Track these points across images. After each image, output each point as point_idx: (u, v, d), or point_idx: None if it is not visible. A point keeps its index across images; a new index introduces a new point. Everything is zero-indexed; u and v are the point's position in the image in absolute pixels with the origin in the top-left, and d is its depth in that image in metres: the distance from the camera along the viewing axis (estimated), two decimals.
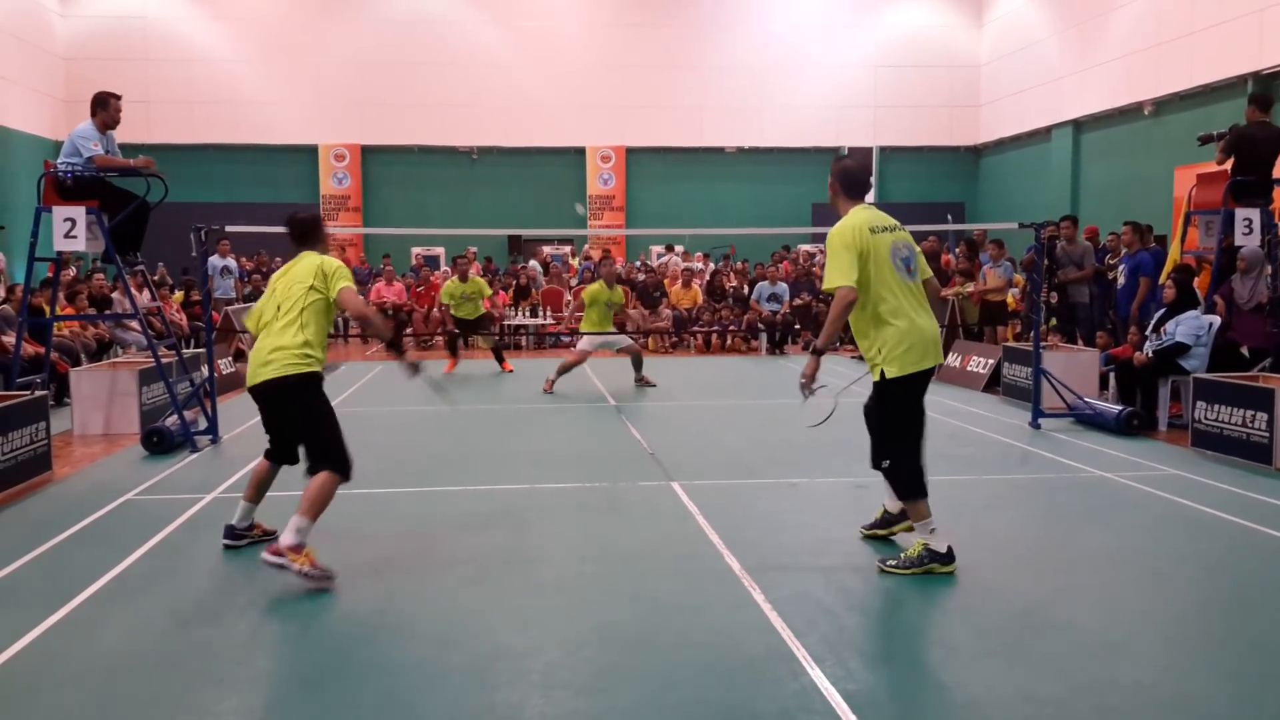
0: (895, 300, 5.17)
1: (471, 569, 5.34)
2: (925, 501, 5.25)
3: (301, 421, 5.36)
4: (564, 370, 12.36)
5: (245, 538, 5.76)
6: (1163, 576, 5.31)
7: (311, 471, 5.23)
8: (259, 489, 5.72)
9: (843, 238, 5.16)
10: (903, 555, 5.29)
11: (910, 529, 5.44)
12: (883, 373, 5.19)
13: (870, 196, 5.55)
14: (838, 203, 5.47)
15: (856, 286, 5.09)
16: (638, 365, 12.74)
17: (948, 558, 5.21)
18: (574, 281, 21.20)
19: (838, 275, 5.10)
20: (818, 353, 5.26)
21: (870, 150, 28.28)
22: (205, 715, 3.69)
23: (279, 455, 5.68)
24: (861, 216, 5.26)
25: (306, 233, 5.90)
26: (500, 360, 14.77)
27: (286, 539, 4.95)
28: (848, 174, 5.47)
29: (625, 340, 13.30)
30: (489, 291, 15.46)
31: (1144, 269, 11.93)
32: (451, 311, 14.64)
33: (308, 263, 5.57)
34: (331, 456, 5.29)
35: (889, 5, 27.94)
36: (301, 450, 5.41)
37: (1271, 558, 5.58)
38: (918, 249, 5.45)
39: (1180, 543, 5.95)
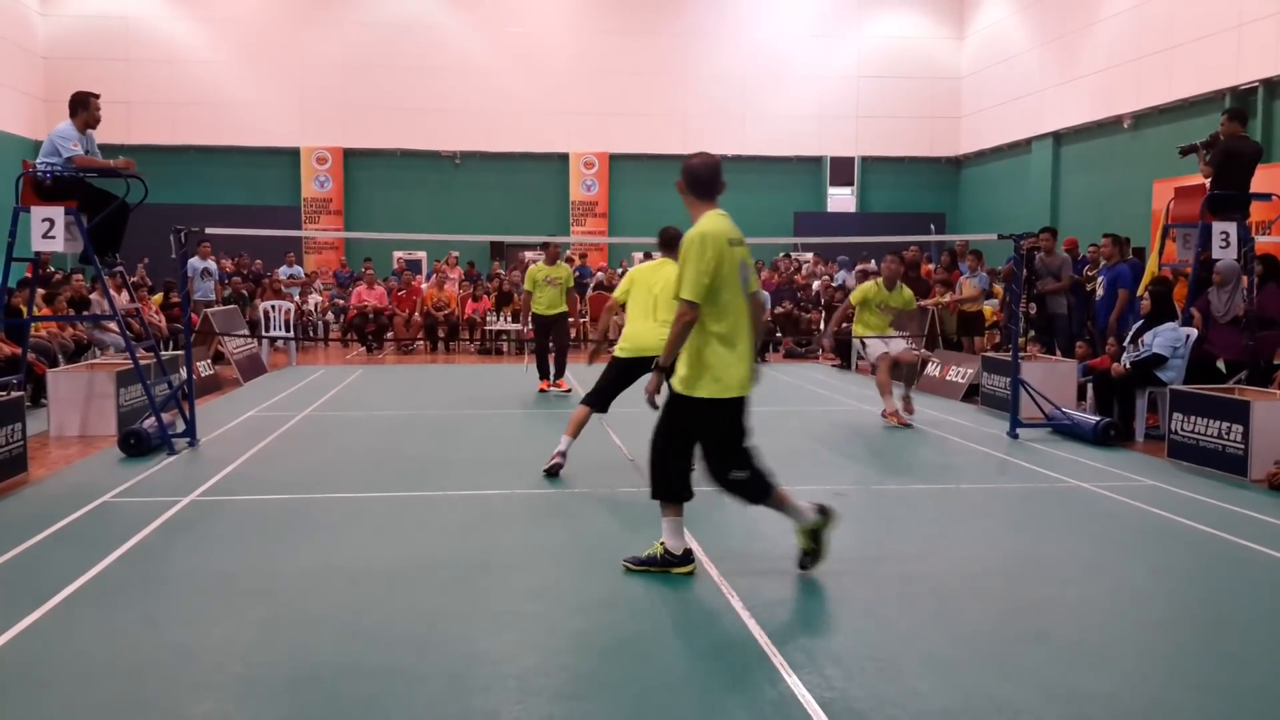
0: (736, 322, 5.01)
1: (449, 574, 5.33)
2: (675, 506, 5.23)
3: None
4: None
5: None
6: (1138, 586, 5.35)
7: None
8: (579, 428, 7.90)
9: (702, 248, 4.89)
10: (644, 554, 5.33)
11: (814, 528, 5.25)
12: (692, 388, 5.02)
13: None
14: (688, 205, 5.20)
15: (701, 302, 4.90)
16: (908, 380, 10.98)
17: (684, 560, 5.25)
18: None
19: (690, 288, 4.88)
20: (661, 369, 5.06)
21: (853, 160, 28.43)
22: (180, 719, 3.66)
23: (601, 406, 7.95)
24: (721, 225, 5.02)
25: (671, 242, 7.88)
26: (560, 373, 12.95)
27: None
28: (695, 175, 5.17)
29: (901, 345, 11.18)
30: (572, 283, 13.70)
31: (1122, 281, 12.03)
32: (532, 303, 12.93)
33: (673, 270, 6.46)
34: None
35: (872, 17, 28.10)
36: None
37: (1245, 569, 5.63)
38: (751, 263, 5.23)
39: (1155, 553, 5.99)
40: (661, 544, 5.28)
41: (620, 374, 7.92)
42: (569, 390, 12.70)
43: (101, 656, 4.21)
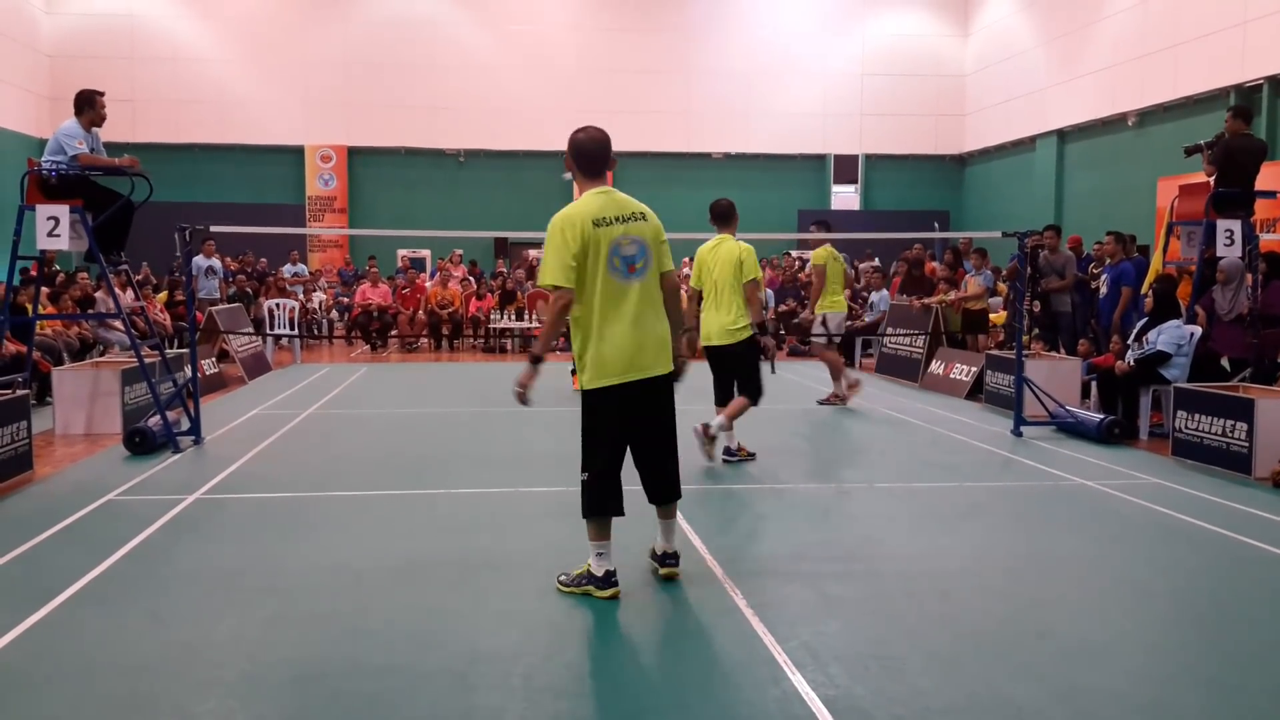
0: (604, 306, 4.74)
1: (453, 572, 5.34)
2: (604, 521, 4.90)
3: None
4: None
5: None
6: (1142, 584, 5.35)
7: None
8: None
9: (561, 231, 4.71)
10: (573, 572, 5.02)
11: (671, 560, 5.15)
12: (584, 382, 4.89)
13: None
14: (575, 182, 4.98)
15: (572, 286, 4.71)
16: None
17: (604, 583, 4.85)
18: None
19: (551, 273, 4.70)
20: (535, 360, 4.77)
21: (857, 157, 28.41)
22: (184, 717, 3.67)
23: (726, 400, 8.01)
24: (589, 205, 4.79)
25: (725, 215, 8.10)
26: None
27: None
28: (580, 149, 4.90)
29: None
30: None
31: (1125, 279, 12.02)
32: None
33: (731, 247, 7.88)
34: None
35: (876, 14, 28.06)
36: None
37: (1250, 567, 5.63)
38: (656, 241, 4.90)
39: (1159, 551, 5.99)
40: (588, 564, 4.96)
41: (713, 366, 8.14)
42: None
43: (107, 654, 4.23)
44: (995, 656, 4.25)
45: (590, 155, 4.91)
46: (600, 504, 4.92)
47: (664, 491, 5.08)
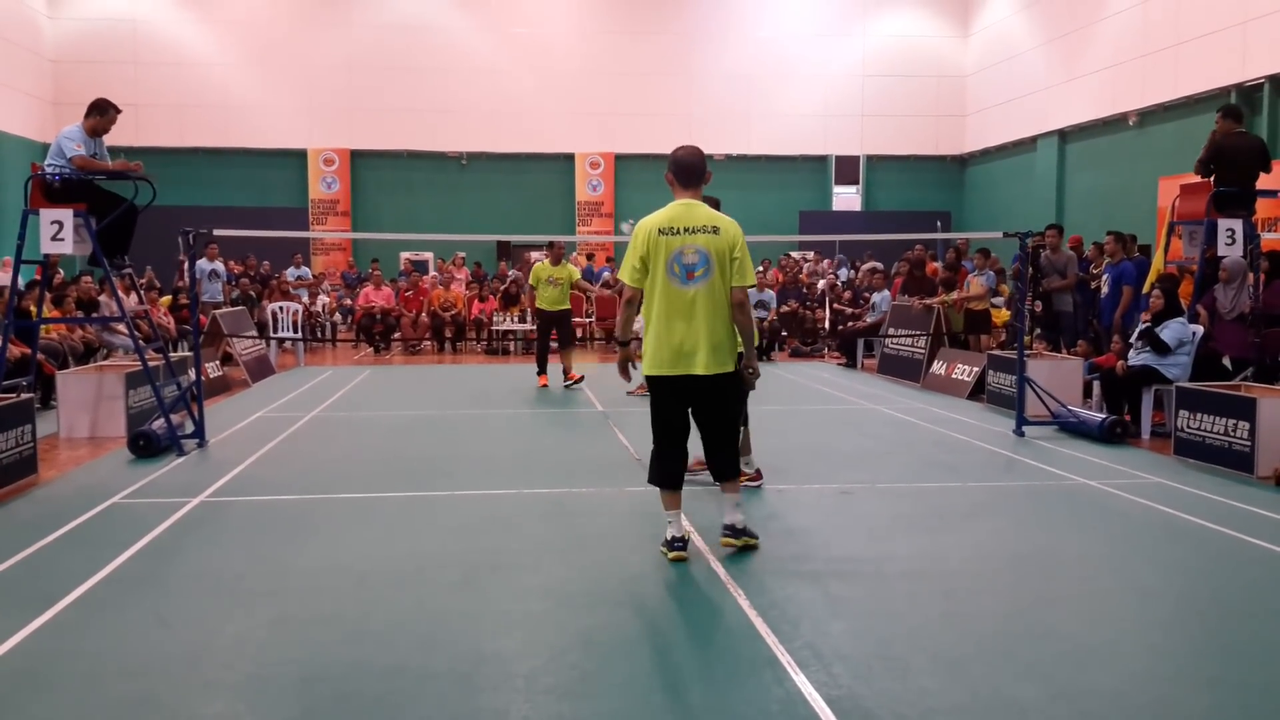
0: (661, 305, 5.40)
1: (457, 573, 5.35)
2: (668, 492, 5.56)
3: None
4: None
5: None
6: (1144, 584, 5.35)
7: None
8: None
9: (635, 238, 5.49)
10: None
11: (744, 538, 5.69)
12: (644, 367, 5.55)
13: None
14: (673, 192, 5.61)
15: (638, 286, 5.46)
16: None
17: (669, 546, 5.53)
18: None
19: (623, 270, 5.59)
20: (620, 343, 5.76)
21: (858, 158, 28.41)
22: (190, 719, 3.69)
23: None
24: (663, 216, 5.47)
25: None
26: (568, 366, 13.34)
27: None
28: (677, 163, 5.57)
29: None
30: (577, 275, 14.18)
31: (1126, 278, 12.02)
32: (535, 300, 13.47)
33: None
34: None
35: (877, 15, 28.07)
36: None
37: (1252, 566, 5.63)
38: (725, 254, 5.40)
39: (1162, 550, 6.00)
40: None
41: None
42: (581, 379, 13.08)
43: (112, 657, 4.25)
44: (999, 656, 4.26)
45: (685, 167, 5.54)
46: (656, 473, 5.60)
47: (716, 471, 5.71)
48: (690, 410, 5.56)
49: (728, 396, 5.56)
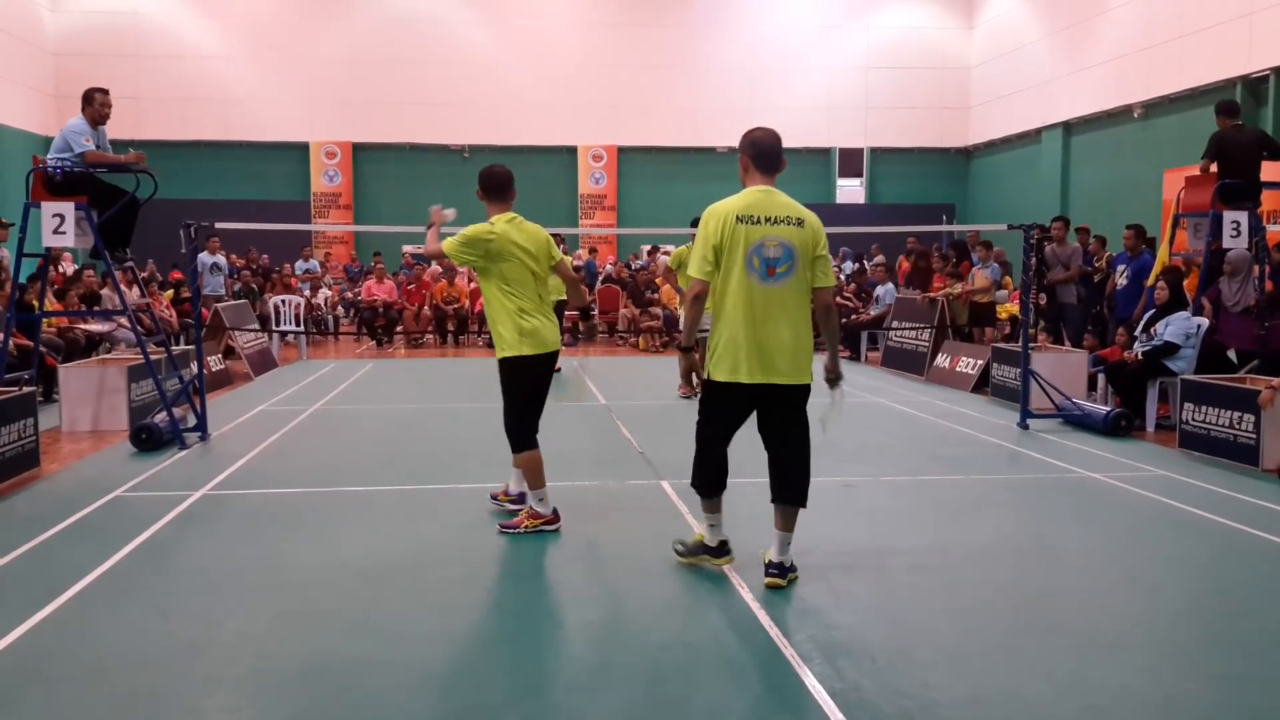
0: (735, 302, 4.74)
1: (458, 567, 5.34)
2: (707, 500, 5.09)
3: None
4: None
5: None
6: (1149, 577, 5.33)
7: None
8: None
9: (707, 222, 4.80)
10: (689, 541, 5.34)
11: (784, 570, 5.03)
12: (708, 370, 4.91)
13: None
14: (744, 178, 4.95)
15: (708, 279, 4.78)
16: None
17: (717, 552, 5.17)
18: None
19: (693, 263, 4.86)
20: (683, 350, 5.26)
21: (862, 151, 28.35)
22: (192, 712, 3.68)
23: None
24: (740, 202, 4.79)
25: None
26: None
27: None
28: (755, 144, 4.87)
29: None
30: (569, 262, 14.19)
31: (1149, 272, 11.91)
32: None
33: None
34: None
35: (880, 7, 27.99)
36: None
37: (1258, 559, 5.61)
38: (810, 251, 4.80)
39: (1167, 543, 5.97)
40: (700, 535, 5.28)
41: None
42: (558, 369, 12.91)
43: (114, 650, 4.24)
44: (1003, 650, 4.24)
45: (764, 150, 4.87)
46: (699, 477, 5.05)
47: (784, 494, 5.01)
48: (761, 425, 4.98)
49: (803, 409, 4.98)
